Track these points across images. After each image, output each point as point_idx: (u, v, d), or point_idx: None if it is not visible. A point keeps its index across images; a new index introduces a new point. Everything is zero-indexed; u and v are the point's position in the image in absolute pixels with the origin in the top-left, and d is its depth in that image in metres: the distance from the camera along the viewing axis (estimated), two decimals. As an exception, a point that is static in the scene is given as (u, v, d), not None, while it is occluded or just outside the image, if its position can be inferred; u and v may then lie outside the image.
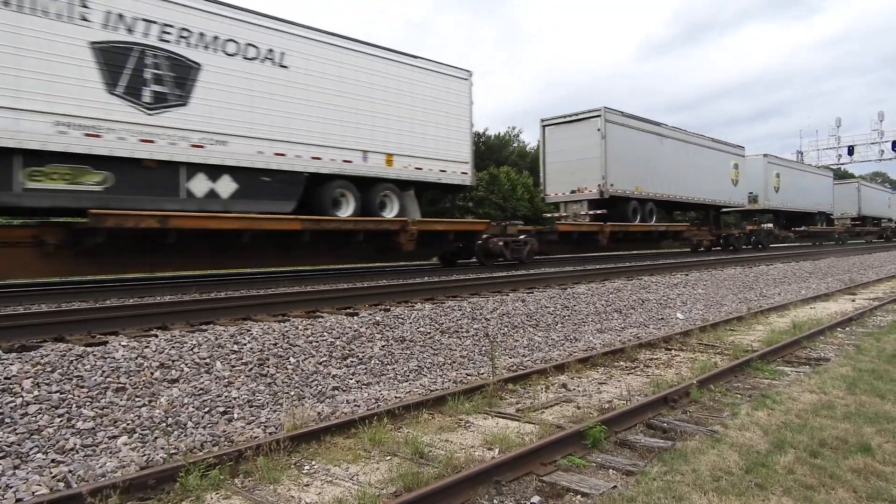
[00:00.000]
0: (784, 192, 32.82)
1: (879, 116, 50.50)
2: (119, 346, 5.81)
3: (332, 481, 3.97)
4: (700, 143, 25.65)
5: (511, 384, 6.20)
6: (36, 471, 3.95)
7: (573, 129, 21.01)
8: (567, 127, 21.31)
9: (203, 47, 11.01)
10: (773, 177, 31.88)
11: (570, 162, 20.88)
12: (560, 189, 21.48)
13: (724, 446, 4.35)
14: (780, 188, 32.36)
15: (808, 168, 39.91)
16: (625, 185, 20.96)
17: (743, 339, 8.73)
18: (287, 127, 12.13)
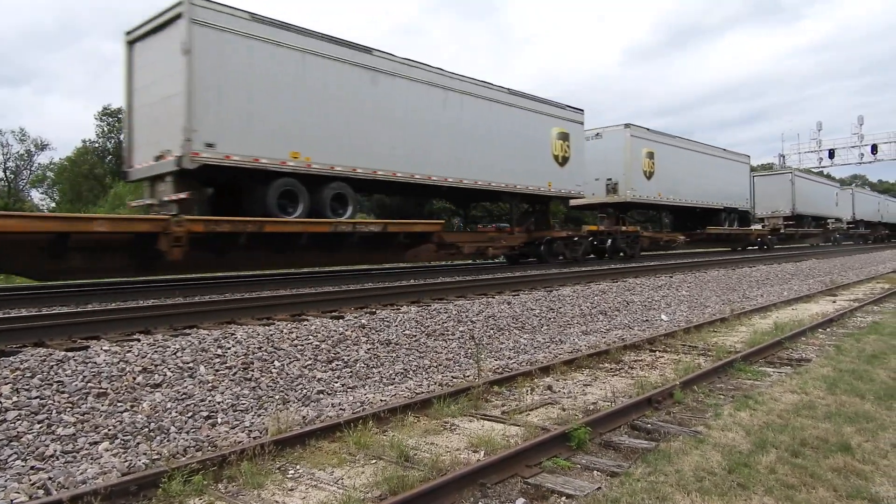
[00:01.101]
0: (663, 180, 24.05)
1: (859, 120, 51.31)
2: (101, 350, 5.73)
3: (316, 485, 3.95)
4: (473, 91, 16.48)
5: (496, 386, 6.21)
6: (14, 478, 3.89)
7: (158, 46, 11.80)
8: (154, 41, 11.92)
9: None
10: (642, 157, 23.06)
11: (154, 104, 11.83)
12: (145, 157, 12.06)
13: (707, 447, 4.39)
14: (657, 173, 23.66)
15: (709, 150, 28.40)
16: (254, 149, 11.63)
17: (726, 341, 8.81)
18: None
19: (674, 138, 25.89)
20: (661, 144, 24.44)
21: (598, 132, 23.14)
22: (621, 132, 22.81)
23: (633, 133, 22.84)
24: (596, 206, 24.11)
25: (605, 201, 23.18)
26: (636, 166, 22.97)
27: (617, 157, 22.70)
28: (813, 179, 40.43)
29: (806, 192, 37.06)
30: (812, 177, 40.99)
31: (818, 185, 40.94)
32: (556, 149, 19.33)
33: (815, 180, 40.99)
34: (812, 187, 38.86)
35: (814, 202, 38.26)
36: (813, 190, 38.82)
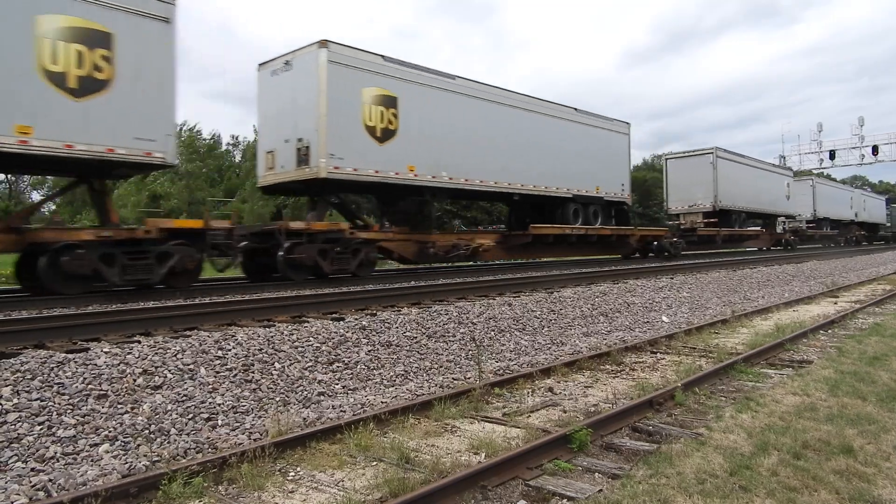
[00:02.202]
0: (417, 144, 14.71)
1: (860, 121, 51.25)
2: (101, 352, 5.73)
3: (317, 487, 3.94)
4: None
5: (497, 388, 6.20)
6: (15, 480, 3.88)
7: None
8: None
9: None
10: (363, 104, 13.63)
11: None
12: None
13: (709, 449, 4.38)
14: (401, 133, 14.39)
15: (541, 106, 18.60)
16: None
17: (727, 342, 8.80)
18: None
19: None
20: (413, 85, 14.68)
21: (287, 59, 13.76)
22: (315, 54, 13.07)
23: (333, 58, 13.06)
24: (288, 186, 14.69)
25: (295, 178, 13.63)
26: (347, 119, 13.35)
27: (311, 102, 13.11)
28: (747, 163, 30.20)
29: (735, 179, 28.33)
30: (747, 160, 30.28)
31: (757, 171, 31.01)
32: None
33: (752, 164, 30.84)
34: (746, 175, 29.55)
35: (749, 194, 29.54)
36: (747, 178, 29.47)
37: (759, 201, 30.90)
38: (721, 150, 27.83)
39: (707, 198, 27.14)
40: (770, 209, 32.35)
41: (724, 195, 27.33)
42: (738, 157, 29.38)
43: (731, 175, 28.09)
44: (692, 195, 27.67)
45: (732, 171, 28.35)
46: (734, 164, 28.79)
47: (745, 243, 32.17)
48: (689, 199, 27.86)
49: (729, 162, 28.31)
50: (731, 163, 28.48)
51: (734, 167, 28.69)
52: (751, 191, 29.83)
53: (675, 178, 28.71)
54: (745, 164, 30.18)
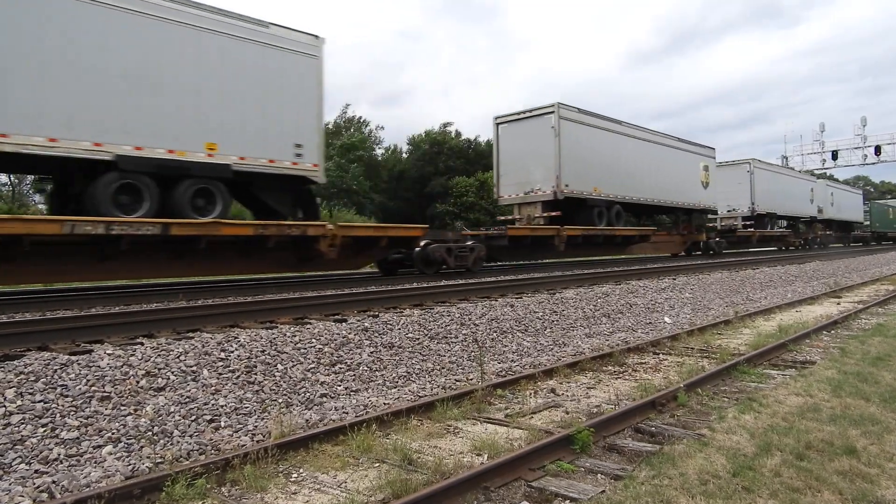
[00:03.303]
0: None
1: (863, 121, 51.25)
2: (104, 354, 5.75)
3: (319, 489, 3.95)
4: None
5: (500, 389, 6.20)
6: (19, 482, 3.90)
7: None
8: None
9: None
10: None
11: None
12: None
13: (712, 450, 4.38)
14: None
15: None
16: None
17: (730, 343, 8.79)
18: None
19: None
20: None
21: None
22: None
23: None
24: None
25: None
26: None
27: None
28: (633, 134, 21.74)
29: (589, 147, 19.66)
30: (608, 123, 20.76)
31: (657, 148, 22.75)
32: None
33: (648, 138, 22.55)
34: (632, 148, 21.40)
35: (632, 181, 21.45)
36: (606, 147, 20.33)
37: (646, 187, 22.40)
38: (565, 107, 18.96)
39: (548, 184, 18.85)
40: (677, 200, 24.46)
41: (575, 179, 19.13)
42: (591, 118, 20.10)
43: (579, 145, 19.55)
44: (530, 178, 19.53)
45: (587, 138, 19.77)
46: (584, 129, 19.72)
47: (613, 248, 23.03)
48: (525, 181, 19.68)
49: (574, 125, 19.26)
50: (577, 126, 19.39)
51: (586, 132, 19.75)
52: (622, 169, 21.03)
53: (508, 161, 20.36)
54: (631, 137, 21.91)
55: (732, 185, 30.52)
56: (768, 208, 32.03)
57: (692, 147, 26.64)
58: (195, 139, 11.24)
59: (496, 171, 20.89)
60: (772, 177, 33.20)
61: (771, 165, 34.65)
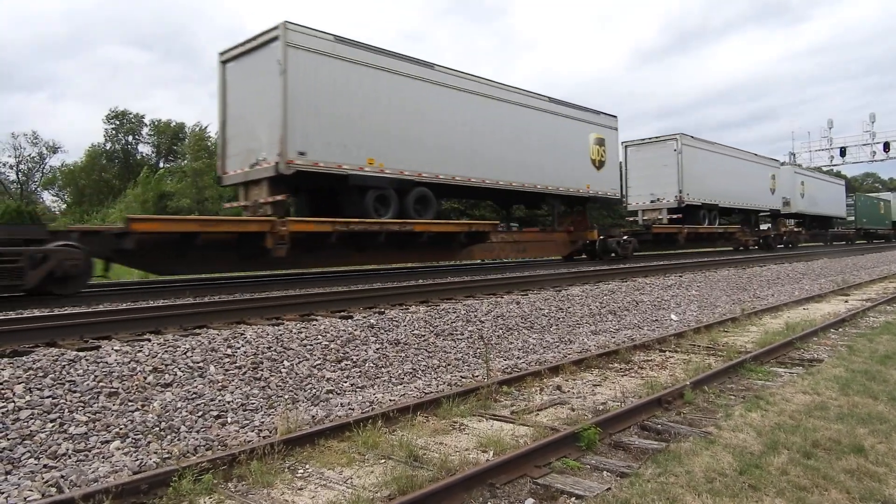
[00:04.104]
0: None
1: (871, 118, 50.84)
2: (112, 350, 5.78)
3: (326, 485, 3.96)
4: None
5: (505, 386, 6.20)
6: (28, 476, 3.93)
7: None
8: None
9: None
10: None
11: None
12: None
13: (718, 447, 4.36)
14: None
15: None
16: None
17: (737, 341, 8.76)
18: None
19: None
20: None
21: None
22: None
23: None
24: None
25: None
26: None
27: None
28: (457, 86, 15.65)
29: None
30: (459, 79, 15.76)
31: (507, 109, 16.93)
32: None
33: (490, 94, 16.50)
34: (457, 106, 15.49)
35: (455, 154, 15.49)
36: (458, 116, 15.56)
37: (485, 164, 16.26)
38: (299, 28, 12.51)
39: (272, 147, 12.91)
40: (535, 184, 17.86)
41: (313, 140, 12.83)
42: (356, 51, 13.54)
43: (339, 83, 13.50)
44: None
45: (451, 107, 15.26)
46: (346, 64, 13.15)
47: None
48: None
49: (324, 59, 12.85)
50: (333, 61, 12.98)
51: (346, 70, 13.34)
52: (430, 135, 14.90)
53: None
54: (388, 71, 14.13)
55: (656, 168, 24.62)
56: (704, 198, 25.28)
57: (575, 112, 19.52)
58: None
59: (221, 135, 14.39)
60: (709, 158, 26.10)
61: (708, 144, 26.61)
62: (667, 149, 24.67)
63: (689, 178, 24.50)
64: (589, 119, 20.31)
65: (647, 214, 25.29)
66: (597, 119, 20.71)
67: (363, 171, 13.34)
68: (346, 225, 12.49)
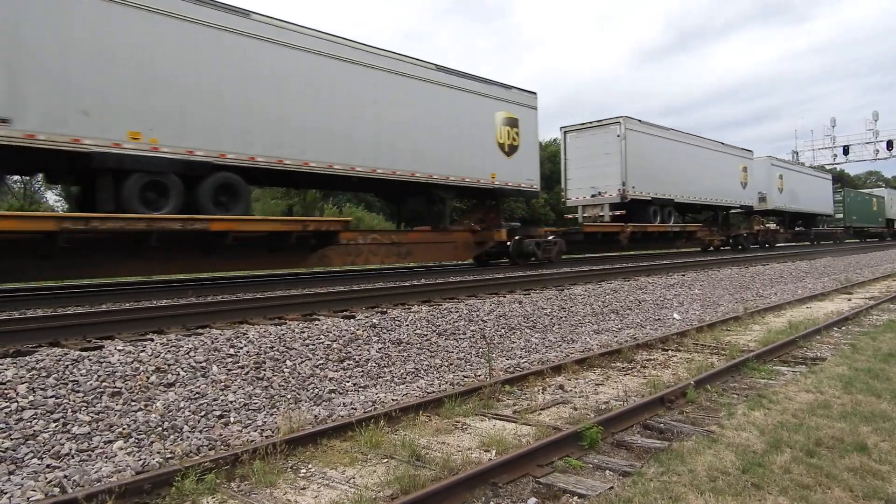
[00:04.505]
0: None
1: (874, 116, 50.68)
2: (115, 350, 5.79)
3: (328, 484, 3.96)
4: None
5: (508, 386, 6.20)
6: (31, 476, 3.94)
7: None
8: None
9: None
10: None
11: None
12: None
13: (721, 446, 4.36)
14: None
15: None
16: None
17: (739, 340, 8.75)
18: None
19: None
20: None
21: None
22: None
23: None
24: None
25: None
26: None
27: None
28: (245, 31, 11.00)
29: None
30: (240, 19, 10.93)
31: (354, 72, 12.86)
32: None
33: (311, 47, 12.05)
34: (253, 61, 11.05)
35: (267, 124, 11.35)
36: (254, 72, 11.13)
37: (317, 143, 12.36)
38: None
39: None
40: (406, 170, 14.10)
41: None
42: None
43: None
44: None
45: None
46: None
47: None
48: None
49: None
50: None
51: None
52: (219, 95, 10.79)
53: None
54: None
55: (597, 157, 21.85)
56: (655, 191, 22.25)
57: (476, 85, 15.76)
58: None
59: None
60: (661, 146, 22.89)
61: (660, 129, 23.30)
62: (609, 134, 21.67)
63: (634, 168, 21.54)
64: (496, 94, 16.44)
65: (588, 211, 22.45)
66: (507, 95, 16.82)
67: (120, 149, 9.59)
68: (85, 222, 8.75)
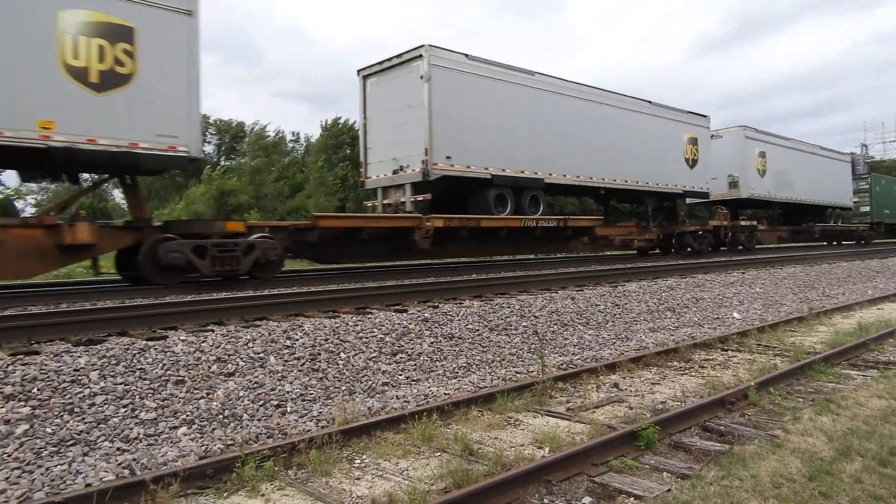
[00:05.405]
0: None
1: (954, 106, 47.29)
2: (178, 340, 6.02)
3: (382, 475, 4.01)
4: None
5: (561, 383, 6.13)
6: (103, 458, 4.14)
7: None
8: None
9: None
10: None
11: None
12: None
13: (786, 452, 4.19)
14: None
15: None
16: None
17: (804, 341, 8.38)
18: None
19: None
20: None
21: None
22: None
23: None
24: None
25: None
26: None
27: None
28: None
29: None
30: None
31: None
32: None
33: None
34: None
35: None
36: None
37: None
38: None
39: None
40: None
41: None
42: None
43: None
44: None
45: None
46: None
47: None
48: None
49: None
50: None
51: None
52: None
53: None
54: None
55: (399, 112, 14.37)
56: (494, 166, 14.71)
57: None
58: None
59: None
60: (506, 94, 15.06)
61: (499, 69, 14.99)
62: (412, 75, 13.96)
63: (448, 127, 13.86)
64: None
65: (391, 195, 14.86)
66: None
67: None
68: None
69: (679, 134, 20.67)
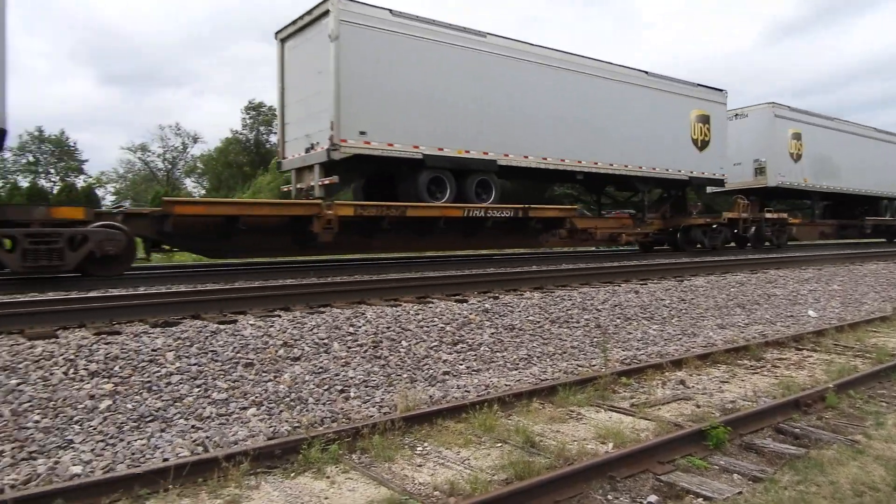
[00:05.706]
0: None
1: None
2: (247, 324, 6.23)
3: (444, 464, 4.04)
4: None
5: (624, 378, 6.00)
6: (179, 434, 4.33)
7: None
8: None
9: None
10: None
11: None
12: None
13: (868, 458, 3.96)
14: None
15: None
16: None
17: (888, 342, 7.90)
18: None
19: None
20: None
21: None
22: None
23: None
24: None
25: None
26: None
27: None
28: None
29: None
30: None
31: None
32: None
33: None
34: None
35: None
36: None
37: None
38: None
39: None
40: None
41: None
42: None
43: None
44: None
45: None
46: None
47: None
48: None
49: None
50: None
51: None
52: None
53: None
54: None
55: (310, 79, 12.40)
56: (426, 144, 12.50)
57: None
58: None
59: None
60: (434, 55, 12.66)
61: (428, 27, 12.60)
62: (321, 36, 11.88)
63: (361, 95, 11.73)
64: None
65: (305, 178, 12.87)
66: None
67: None
68: None
69: (685, 110, 17.53)
